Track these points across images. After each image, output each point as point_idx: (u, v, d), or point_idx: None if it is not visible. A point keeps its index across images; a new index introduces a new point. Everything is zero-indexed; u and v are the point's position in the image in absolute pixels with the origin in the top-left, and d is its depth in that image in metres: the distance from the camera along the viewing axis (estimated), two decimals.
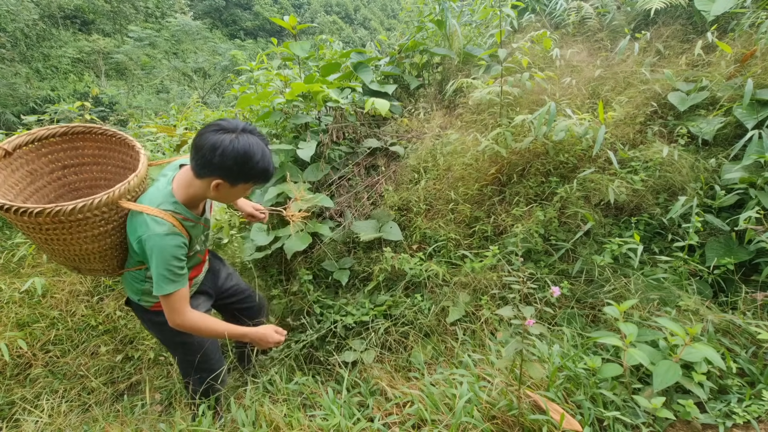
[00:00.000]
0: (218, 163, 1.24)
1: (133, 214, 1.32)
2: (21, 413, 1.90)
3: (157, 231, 1.27)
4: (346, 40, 27.43)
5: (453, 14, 3.31)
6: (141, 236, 1.29)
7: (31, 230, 1.25)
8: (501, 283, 1.94)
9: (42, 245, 1.33)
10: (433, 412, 1.34)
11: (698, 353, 1.20)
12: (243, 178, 1.30)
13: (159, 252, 1.27)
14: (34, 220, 1.20)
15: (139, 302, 1.54)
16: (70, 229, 1.26)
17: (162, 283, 1.30)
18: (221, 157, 1.23)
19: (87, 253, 1.36)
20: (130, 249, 1.41)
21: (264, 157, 1.30)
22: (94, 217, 1.28)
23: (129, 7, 17.54)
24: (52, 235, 1.27)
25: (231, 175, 1.28)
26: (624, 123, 2.18)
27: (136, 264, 1.46)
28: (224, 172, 1.27)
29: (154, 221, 1.28)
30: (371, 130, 3.03)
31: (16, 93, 12.64)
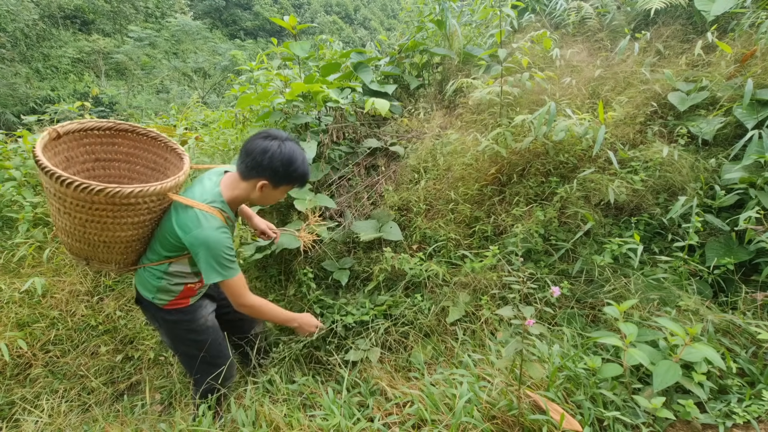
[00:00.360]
0: (267, 164, 1.41)
1: (182, 209, 1.41)
2: (21, 413, 1.90)
3: (211, 225, 1.38)
4: (346, 40, 27.43)
5: (453, 14, 3.31)
6: (193, 231, 1.37)
7: (76, 208, 1.27)
8: (501, 283, 1.94)
9: (75, 227, 1.33)
10: (433, 412, 1.34)
11: (698, 353, 1.20)
12: (286, 180, 1.47)
13: (214, 244, 1.37)
14: (91, 197, 1.24)
15: (153, 300, 1.55)
16: (116, 212, 1.32)
17: (223, 269, 1.40)
18: (270, 159, 1.40)
19: (115, 241, 1.40)
20: (163, 241, 1.45)
21: (304, 163, 1.48)
22: (142, 205, 1.35)
23: (129, 7, 17.55)
24: (95, 216, 1.30)
25: (276, 177, 1.44)
26: (624, 123, 2.18)
27: (162, 258, 1.49)
28: (271, 173, 1.43)
29: (205, 216, 1.38)
30: (371, 130, 3.03)
31: (16, 93, 12.65)
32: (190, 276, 1.56)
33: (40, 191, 2.82)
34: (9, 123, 11.34)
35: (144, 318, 2.36)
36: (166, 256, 1.48)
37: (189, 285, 1.57)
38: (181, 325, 1.59)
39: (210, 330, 1.66)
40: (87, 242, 1.39)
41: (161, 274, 1.51)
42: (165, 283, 1.52)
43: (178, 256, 1.48)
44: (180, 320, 1.58)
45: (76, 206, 1.27)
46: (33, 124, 3.70)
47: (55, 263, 2.48)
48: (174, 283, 1.53)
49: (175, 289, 1.54)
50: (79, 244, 1.40)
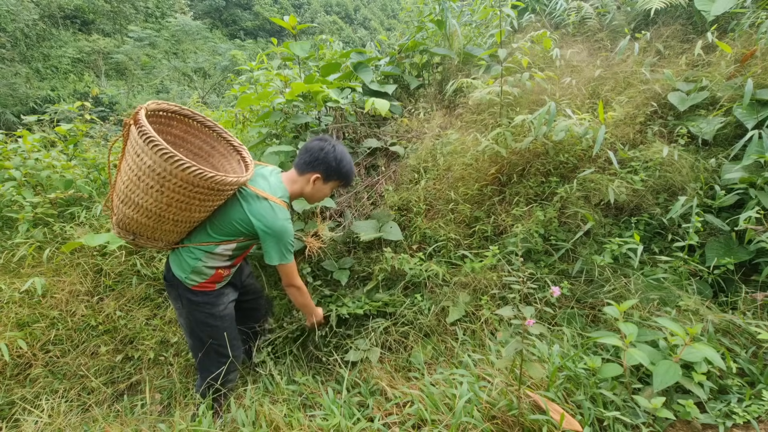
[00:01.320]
0: (322, 159, 1.64)
1: (255, 199, 1.57)
2: (21, 413, 1.90)
3: (284, 216, 1.58)
4: (346, 40, 27.42)
5: (453, 14, 3.31)
6: (270, 220, 1.54)
7: (176, 188, 1.38)
8: (501, 283, 1.94)
9: (159, 204, 1.41)
10: (433, 412, 1.34)
11: (698, 353, 1.20)
12: (336, 175, 1.68)
13: (285, 233, 1.56)
14: (198, 181, 1.36)
15: (185, 279, 1.63)
16: (207, 196, 1.45)
17: (286, 255, 1.60)
18: (325, 155, 1.64)
19: (185, 221, 1.52)
20: (226, 226, 1.57)
21: (351, 163, 1.72)
22: (225, 192, 1.49)
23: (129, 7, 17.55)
24: (188, 197, 1.41)
25: (328, 171, 1.66)
26: (624, 123, 2.18)
27: (216, 240, 1.59)
28: (324, 167, 1.65)
29: (279, 208, 1.57)
30: (371, 130, 3.03)
31: (16, 93, 12.65)
32: (226, 260, 1.66)
33: (40, 191, 2.82)
34: (9, 123, 11.34)
35: (144, 319, 2.37)
36: (222, 239, 1.59)
37: (220, 270, 1.66)
38: (203, 308, 1.67)
39: (227, 318, 1.74)
40: (159, 219, 1.47)
41: (202, 255, 1.60)
42: (201, 265, 1.61)
43: (234, 239, 1.60)
44: (203, 302, 1.66)
45: (179, 187, 1.38)
46: (33, 124, 3.70)
47: (55, 263, 2.48)
48: (209, 266, 1.63)
49: (207, 272, 1.63)
50: (145, 219, 1.47)
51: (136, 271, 2.50)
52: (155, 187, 1.38)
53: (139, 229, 1.53)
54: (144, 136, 1.32)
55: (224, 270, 1.68)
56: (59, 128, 3.24)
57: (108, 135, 4.33)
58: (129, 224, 1.52)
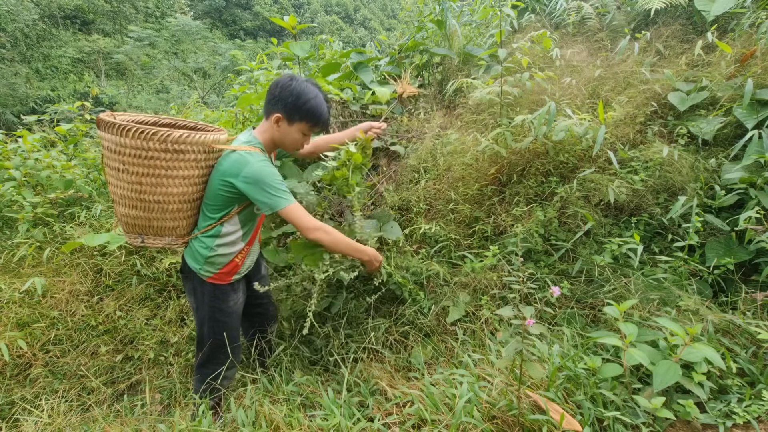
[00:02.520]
0: (278, 95, 1.50)
1: (225, 158, 1.50)
2: (21, 413, 1.90)
3: (255, 159, 1.46)
4: (346, 40, 27.43)
5: (453, 14, 3.31)
6: (242, 170, 1.44)
7: (133, 160, 1.39)
8: (501, 283, 1.94)
9: (132, 185, 1.43)
10: (433, 412, 1.34)
11: (698, 353, 1.20)
12: (297, 114, 1.52)
13: (263, 175, 1.44)
14: (146, 143, 1.36)
15: (200, 271, 1.61)
16: (168, 162, 1.42)
17: (280, 197, 1.47)
18: (281, 90, 1.50)
19: (169, 200, 1.48)
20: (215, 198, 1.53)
21: (317, 99, 1.52)
22: (190, 154, 1.44)
23: (129, 7, 17.56)
24: (150, 166, 1.40)
25: (287, 109, 1.51)
26: (624, 123, 2.18)
27: (215, 220, 1.55)
28: (282, 104, 1.50)
29: (248, 154, 1.47)
30: None
31: (16, 93, 12.65)
32: (238, 241, 1.63)
33: (40, 191, 2.82)
34: (9, 123, 11.35)
35: (144, 319, 2.37)
36: (220, 215, 1.54)
37: (236, 259, 1.64)
38: (214, 302, 1.66)
39: (234, 316, 1.73)
40: (144, 206, 1.47)
41: (212, 242, 1.58)
42: (213, 254, 1.59)
43: (229, 210, 1.55)
44: (216, 296, 1.65)
45: (134, 157, 1.38)
46: (33, 124, 3.70)
47: (55, 263, 2.48)
48: (222, 254, 1.60)
49: (221, 260, 1.61)
50: (135, 211, 1.49)
51: (136, 271, 2.50)
52: (119, 167, 1.41)
53: (139, 226, 1.53)
54: (98, 123, 1.39)
55: (239, 258, 1.66)
56: (59, 128, 3.24)
57: None
58: (128, 223, 1.53)
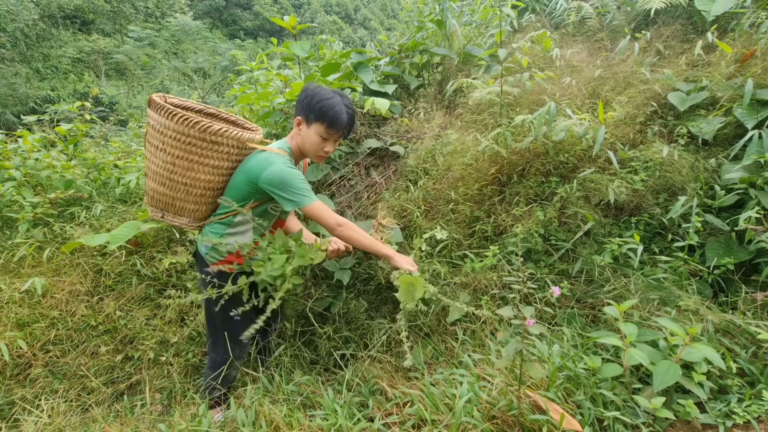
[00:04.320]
0: (300, 99, 1.58)
1: (256, 154, 1.58)
2: (21, 413, 1.90)
3: (280, 161, 1.53)
4: (346, 40, 27.42)
5: (453, 14, 3.31)
6: (268, 168, 1.51)
7: (172, 143, 1.49)
8: (501, 283, 1.94)
9: (166, 165, 1.53)
10: (433, 412, 1.34)
11: (698, 353, 1.20)
12: (313, 113, 1.55)
13: (285, 174, 1.50)
14: (187, 129, 1.46)
15: (205, 255, 1.67)
16: (204, 150, 1.52)
17: (303, 195, 1.52)
18: (303, 93, 1.58)
19: (195, 185, 1.57)
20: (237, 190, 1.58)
21: (333, 101, 1.54)
22: (224, 147, 1.54)
23: (129, 7, 17.56)
24: (186, 150, 1.50)
25: (305, 110, 1.57)
26: (624, 123, 2.18)
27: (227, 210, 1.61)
28: (301, 106, 1.58)
29: (275, 155, 1.55)
30: (371, 130, 3.03)
31: (16, 93, 12.65)
32: (248, 233, 1.67)
33: (40, 191, 2.82)
34: (9, 123, 11.34)
35: (144, 319, 2.37)
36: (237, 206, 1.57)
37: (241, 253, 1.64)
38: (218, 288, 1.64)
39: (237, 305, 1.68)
40: (171, 185, 1.57)
41: (224, 229, 1.63)
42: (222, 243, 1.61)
43: (245, 205, 1.59)
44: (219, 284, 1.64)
45: (174, 139, 1.48)
46: (33, 124, 3.70)
47: (55, 263, 2.48)
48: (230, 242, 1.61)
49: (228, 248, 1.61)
50: (163, 188, 1.58)
51: (136, 271, 2.50)
52: (159, 145, 1.51)
53: (162, 202, 1.63)
54: (150, 103, 1.49)
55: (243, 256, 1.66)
56: (59, 128, 3.24)
57: (108, 135, 4.33)
58: (154, 197, 1.63)
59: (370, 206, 2.63)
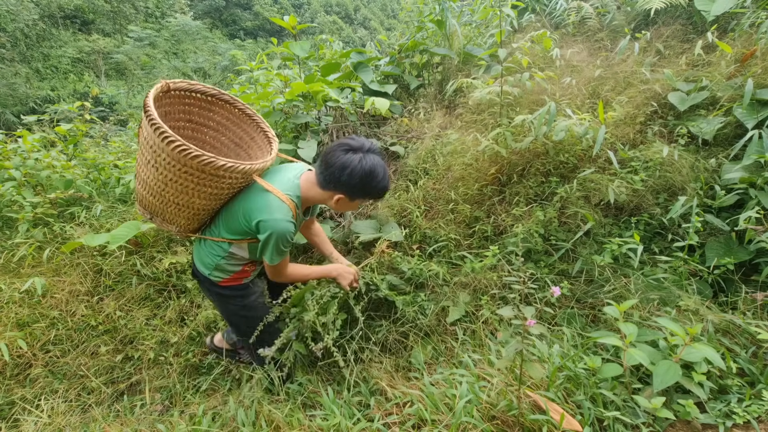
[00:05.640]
0: (345, 181, 1.41)
1: (259, 192, 1.45)
2: (21, 413, 1.90)
3: (280, 217, 1.40)
4: (346, 40, 27.42)
5: (453, 14, 3.31)
6: (263, 218, 1.40)
7: (167, 166, 1.32)
8: (501, 283, 1.94)
9: (157, 182, 1.38)
10: (433, 412, 1.34)
11: (698, 353, 1.20)
12: (362, 194, 1.47)
13: (278, 234, 1.41)
14: (185, 160, 1.28)
15: (209, 276, 1.61)
16: (201, 180, 1.35)
17: (274, 257, 1.46)
18: (349, 176, 1.40)
19: (188, 206, 1.45)
20: (232, 221, 1.50)
21: (384, 177, 1.46)
22: (227, 179, 1.39)
23: (129, 7, 17.56)
24: (181, 178, 1.34)
25: (353, 192, 1.45)
26: (624, 123, 2.18)
27: (222, 236, 1.53)
28: (349, 189, 1.43)
29: (279, 205, 1.42)
30: (371, 130, 3.03)
31: (16, 93, 12.65)
32: (247, 263, 1.62)
33: (40, 191, 2.82)
34: (9, 123, 11.35)
35: (144, 319, 2.37)
36: (232, 238, 1.52)
37: (245, 268, 1.64)
38: (234, 300, 1.66)
39: (259, 308, 1.71)
40: (161, 199, 1.43)
41: (222, 252, 1.57)
42: (223, 263, 1.58)
43: (242, 239, 1.52)
44: (233, 296, 1.65)
45: (168, 164, 1.31)
46: (33, 124, 3.70)
47: (55, 263, 2.48)
48: (232, 263, 1.59)
49: (231, 269, 1.61)
50: (152, 198, 1.45)
51: (136, 271, 2.50)
52: (151, 162, 1.34)
53: (150, 208, 1.51)
54: (144, 108, 1.30)
55: (249, 266, 1.65)
56: (59, 128, 3.24)
57: (108, 135, 4.33)
58: (142, 201, 1.52)
59: (369, 206, 2.63)
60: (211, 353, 2.22)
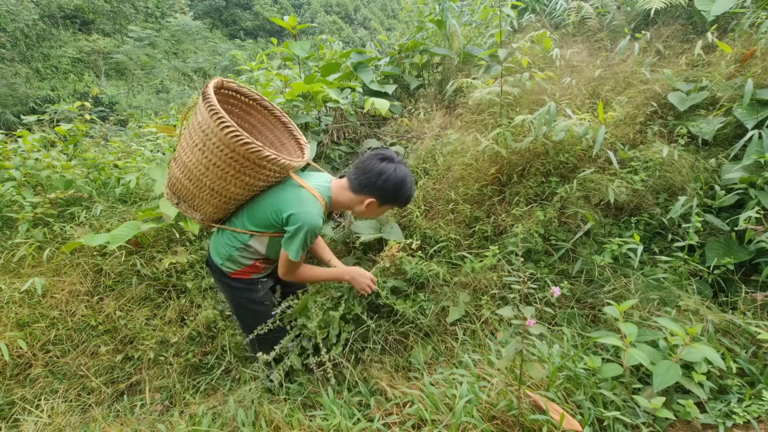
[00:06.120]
0: (380, 185, 1.51)
1: (293, 188, 1.52)
2: (21, 413, 1.90)
3: (312, 210, 1.47)
4: (346, 40, 27.42)
5: (453, 14, 3.31)
6: (295, 210, 1.45)
7: (214, 150, 1.39)
8: (501, 283, 1.94)
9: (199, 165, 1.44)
10: (433, 412, 1.34)
11: (698, 353, 1.20)
12: (391, 200, 1.58)
13: (308, 227, 1.45)
14: (235, 146, 1.36)
15: (221, 266, 1.65)
16: (243, 168, 1.43)
17: (299, 251, 1.48)
18: (384, 182, 1.51)
19: (221, 193, 1.50)
20: (260, 214, 1.54)
21: (412, 187, 1.59)
22: (266, 171, 1.46)
23: (129, 7, 17.57)
24: (225, 163, 1.41)
25: (385, 197, 1.55)
26: (624, 123, 2.18)
27: (246, 229, 1.57)
28: (382, 194, 1.54)
29: (312, 199, 1.49)
30: (371, 130, 3.04)
31: (16, 93, 12.66)
32: (260, 259, 1.65)
33: (40, 191, 2.82)
34: (9, 123, 11.35)
35: (144, 319, 2.37)
36: (254, 230, 1.55)
37: (257, 263, 1.66)
38: (243, 293, 1.69)
39: (265, 304, 1.73)
40: (197, 184, 1.49)
41: (238, 244, 1.60)
42: (237, 255, 1.61)
43: (265, 232, 1.55)
44: (243, 288, 1.69)
45: (216, 148, 1.38)
46: (33, 124, 3.70)
47: (55, 263, 2.48)
48: (245, 256, 1.62)
49: (243, 262, 1.64)
50: (188, 182, 1.51)
51: (136, 271, 2.50)
52: (199, 144, 1.41)
53: (182, 193, 1.56)
54: (203, 96, 1.39)
55: (261, 263, 1.68)
56: (59, 128, 3.24)
57: (108, 135, 4.33)
58: (175, 185, 1.56)
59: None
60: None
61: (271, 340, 1.68)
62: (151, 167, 2.74)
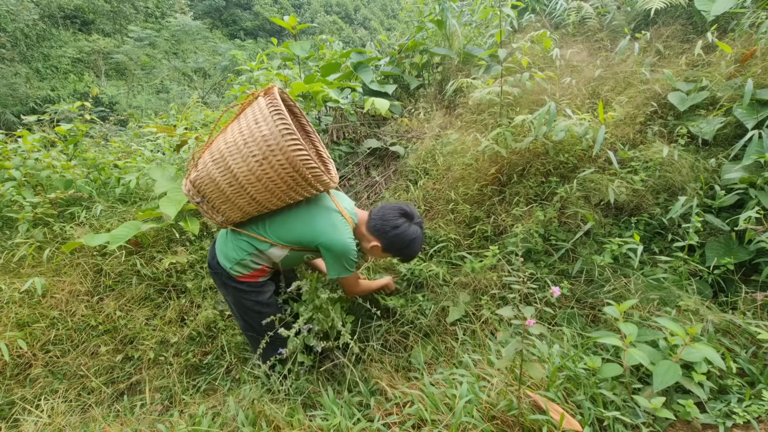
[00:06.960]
0: (391, 237, 1.61)
1: (327, 211, 1.61)
2: (21, 413, 1.90)
3: (346, 238, 1.57)
4: (346, 40, 27.43)
5: (453, 14, 3.31)
6: (332, 234, 1.55)
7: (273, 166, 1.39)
8: (501, 283, 1.94)
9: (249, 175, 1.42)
10: (433, 412, 1.34)
11: (698, 353, 1.20)
12: (396, 252, 1.67)
13: (347, 249, 1.56)
14: (300, 168, 1.39)
15: (230, 270, 1.65)
16: (294, 184, 1.44)
17: (341, 271, 1.61)
18: (395, 236, 1.61)
19: (259, 201, 1.50)
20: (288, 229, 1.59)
21: (419, 248, 1.68)
22: (311, 188, 1.50)
23: (129, 7, 17.57)
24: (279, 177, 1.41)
25: (390, 247, 1.64)
26: (624, 123, 2.18)
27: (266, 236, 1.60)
28: (389, 244, 1.63)
29: (345, 224, 1.60)
30: (371, 130, 3.03)
31: (16, 93, 12.65)
32: (272, 265, 1.70)
33: (40, 191, 2.82)
34: (9, 123, 11.35)
35: (144, 319, 2.37)
36: (277, 241, 1.59)
37: (264, 268, 1.69)
38: (249, 296, 1.71)
39: (273, 305, 1.76)
40: (238, 191, 1.46)
41: (252, 249, 1.62)
42: (248, 260, 1.63)
43: (288, 246, 1.61)
44: (249, 291, 1.70)
45: (281, 165, 1.38)
46: (33, 124, 3.70)
47: (55, 263, 2.48)
48: (256, 261, 1.65)
49: (253, 266, 1.66)
50: (227, 186, 1.46)
51: (136, 271, 2.50)
52: (258, 156, 1.38)
53: (212, 195, 1.52)
54: (272, 107, 1.37)
55: (269, 268, 1.71)
56: (59, 128, 3.24)
57: (108, 135, 4.33)
58: (205, 185, 1.51)
59: (370, 206, 2.63)
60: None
61: (280, 341, 1.70)
62: (151, 167, 2.74)
